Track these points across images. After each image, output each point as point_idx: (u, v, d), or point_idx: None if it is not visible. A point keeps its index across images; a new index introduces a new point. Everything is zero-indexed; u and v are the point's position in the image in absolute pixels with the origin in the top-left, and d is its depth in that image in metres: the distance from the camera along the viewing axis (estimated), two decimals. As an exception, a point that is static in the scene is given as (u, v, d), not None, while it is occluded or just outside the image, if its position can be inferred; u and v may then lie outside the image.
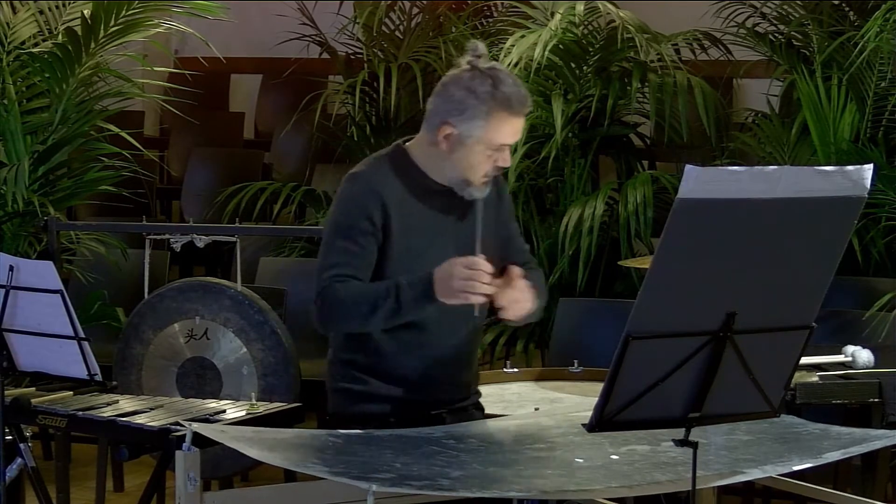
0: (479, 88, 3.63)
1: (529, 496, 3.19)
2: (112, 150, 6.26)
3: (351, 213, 3.69)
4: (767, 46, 6.54)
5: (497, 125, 3.64)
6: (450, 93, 3.67)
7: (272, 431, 3.62)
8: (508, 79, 3.67)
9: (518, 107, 3.66)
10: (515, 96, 3.65)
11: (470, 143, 3.65)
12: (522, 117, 3.70)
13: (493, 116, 3.63)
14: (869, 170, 2.96)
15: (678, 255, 2.88)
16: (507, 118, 3.65)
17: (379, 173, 3.74)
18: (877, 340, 5.09)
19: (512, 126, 3.67)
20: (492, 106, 3.62)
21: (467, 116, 3.63)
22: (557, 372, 4.69)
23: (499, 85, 3.64)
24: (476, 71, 3.66)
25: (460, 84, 3.66)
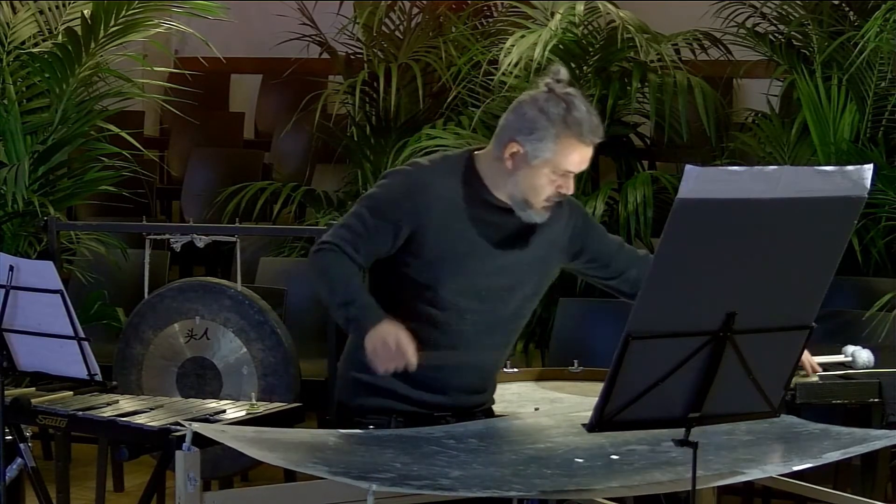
0: (551, 110, 3.61)
1: (529, 496, 3.20)
2: (112, 150, 6.27)
3: (389, 197, 3.69)
4: (767, 46, 6.54)
5: (565, 150, 3.61)
6: (523, 111, 3.64)
7: (272, 431, 3.62)
8: (583, 106, 3.63)
9: (589, 135, 3.62)
10: (588, 124, 3.61)
11: (536, 164, 3.62)
12: (592, 147, 3.66)
13: (561, 140, 3.60)
14: (869, 170, 2.96)
15: (678, 255, 2.88)
16: (576, 145, 3.61)
17: (438, 172, 3.72)
18: (877, 340, 5.09)
19: (580, 154, 3.64)
20: (562, 129, 3.60)
21: (536, 137, 3.61)
22: (557, 372, 4.69)
23: (572, 110, 3.60)
24: (552, 94, 3.63)
25: (535, 104, 3.63)
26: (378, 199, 3.71)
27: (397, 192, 3.69)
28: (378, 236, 3.67)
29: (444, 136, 6.59)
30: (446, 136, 6.57)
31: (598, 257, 3.91)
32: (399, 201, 3.67)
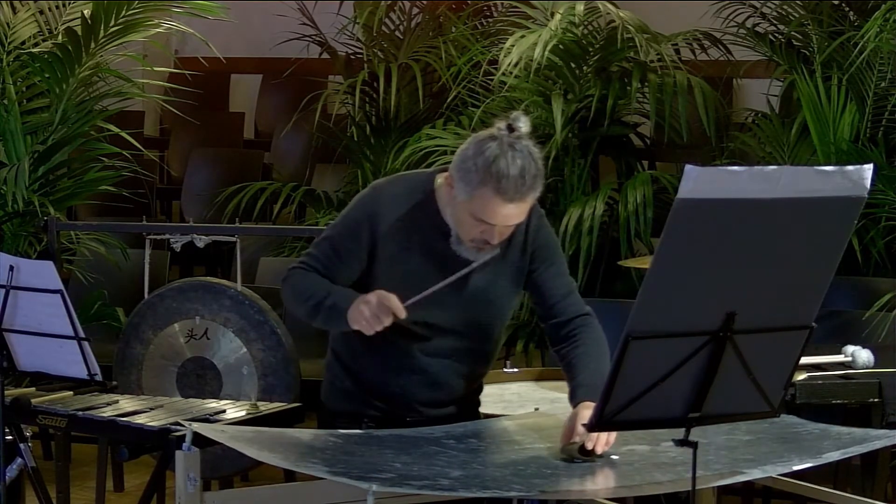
0: (483, 155, 3.44)
1: (529, 496, 3.19)
2: (112, 150, 6.27)
3: (349, 223, 3.68)
4: (767, 46, 6.54)
5: (483, 200, 3.45)
6: (467, 146, 3.51)
7: (272, 431, 3.62)
8: (519, 161, 3.43)
9: (511, 193, 3.42)
10: (513, 182, 3.41)
11: (459, 202, 3.52)
12: (520, 203, 3.45)
13: (481, 190, 3.44)
14: (869, 170, 2.96)
15: (678, 254, 2.88)
16: (493, 198, 3.43)
17: (394, 196, 3.66)
18: (877, 340, 5.09)
19: (500, 209, 3.45)
20: (482, 177, 3.42)
21: (460, 176, 3.48)
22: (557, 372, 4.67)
23: (499, 161, 3.41)
24: (496, 139, 3.46)
25: (477, 144, 3.48)
26: (338, 229, 3.70)
27: (353, 224, 3.66)
28: (343, 267, 3.66)
29: (444, 136, 6.59)
30: (446, 136, 6.58)
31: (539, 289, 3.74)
32: (354, 233, 3.65)
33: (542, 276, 3.72)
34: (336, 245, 3.67)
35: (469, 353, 3.74)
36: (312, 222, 7.17)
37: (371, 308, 3.50)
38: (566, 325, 3.72)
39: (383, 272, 3.63)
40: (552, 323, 3.74)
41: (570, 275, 3.80)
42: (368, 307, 3.50)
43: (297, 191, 7.19)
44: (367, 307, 3.50)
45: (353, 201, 3.75)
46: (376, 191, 3.72)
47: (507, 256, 3.66)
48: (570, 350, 3.70)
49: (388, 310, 3.49)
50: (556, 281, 3.74)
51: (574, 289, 3.79)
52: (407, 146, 6.71)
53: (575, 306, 3.75)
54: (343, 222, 3.71)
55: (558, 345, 3.73)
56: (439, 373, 3.72)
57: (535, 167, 3.45)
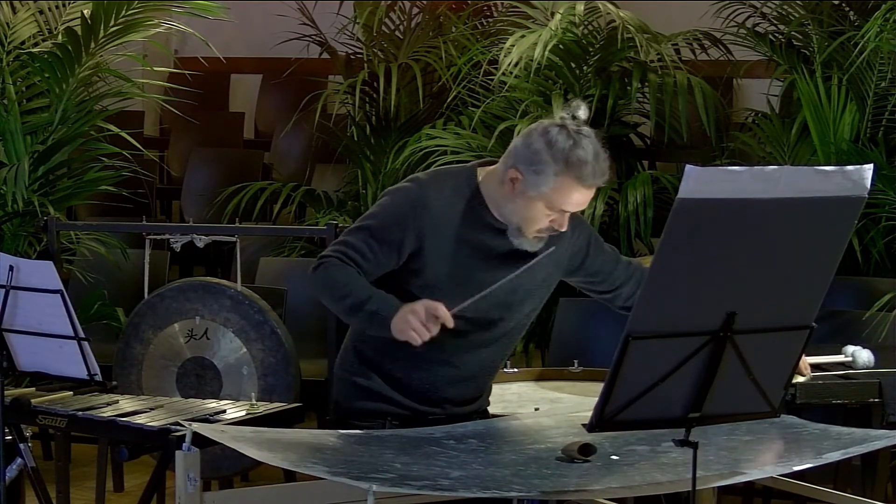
0: (556, 145, 3.52)
1: (529, 496, 3.19)
2: (112, 150, 6.27)
3: (390, 216, 3.65)
4: (767, 46, 6.54)
5: (562, 189, 3.54)
6: (530, 140, 3.56)
7: (272, 431, 3.62)
8: (591, 147, 3.55)
9: (590, 179, 3.54)
10: (591, 167, 3.53)
11: (531, 195, 3.56)
12: (593, 189, 3.59)
13: (560, 178, 3.53)
14: (869, 170, 2.96)
15: (678, 255, 2.88)
16: (575, 186, 3.54)
17: (439, 188, 3.66)
18: (877, 340, 5.08)
19: (579, 195, 3.56)
20: (562, 168, 3.52)
21: (536, 170, 3.53)
22: (557, 372, 4.69)
23: (576, 149, 3.52)
24: (563, 128, 3.55)
25: (544, 136, 3.54)
26: (379, 219, 3.67)
27: (398, 213, 3.64)
28: (381, 257, 3.64)
29: (444, 136, 6.59)
30: (446, 136, 6.57)
31: (596, 274, 3.88)
32: (400, 222, 3.63)
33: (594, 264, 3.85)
34: (377, 234, 3.63)
35: (499, 346, 3.78)
36: (312, 222, 7.17)
37: (419, 318, 3.50)
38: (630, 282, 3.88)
39: (430, 266, 3.63)
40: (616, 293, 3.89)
41: None
42: (416, 317, 3.50)
43: (297, 191, 7.19)
44: (414, 317, 3.50)
45: (393, 192, 3.72)
46: (420, 183, 3.70)
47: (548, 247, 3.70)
48: None
49: (437, 320, 3.50)
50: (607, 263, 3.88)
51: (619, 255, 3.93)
52: (407, 146, 6.71)
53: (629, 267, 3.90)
54: (385, 212, 3.66)
55: None
56: (470, 367, 3.74)
57: (604, 151, 3.59)
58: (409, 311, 3.52)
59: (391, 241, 3.63)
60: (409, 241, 3.62)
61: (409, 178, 3.78)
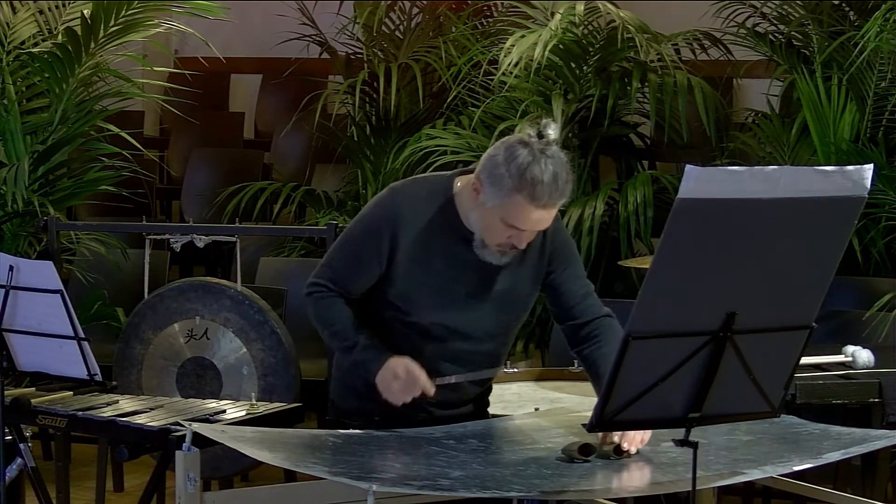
0: (515, 161, 3.47)
1: (529, 496, 3.19)
2: (112, 150, 6.27)
3: (368, 224, 3.68)
4: (767, 46, 6.54)
5: (514, 206, 3.48)
6: (496, 151, 3.53)
7: (272, 431, 3.62)
8: (551, 167, 3.46)
9: (544, 198, 3.45)
10: (546, 188, 3.44)
11: (488, 206, 3.52)
12: (549, 210, 3.50)
13: (513, 196, 3.47)
14: (869, 170, 2.96)
15: (678, 255, 2.88)
16: (527, 205, 3.46)
17: (414, 198, 3.66)
18: (877, 340, 5.08)
19: (532, 214, 3.48)
20: (516, 185, 3.45)
21: (491, 182, 3.50)
22: (557, 372, 4.69)
23: (533, 168, 3.44)
24: (528, 146, 3.49)
25: (506, 150, 3.50)
26: (359, 229, 3.71)
27: (374, 221, 3.66)
28: (363, 267, 3.67)
29: (444, 136, 6.59)
30: (446, 136, 6.57)
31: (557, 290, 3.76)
32: (376, 231, 3.64)
33: (559, 278, 3.74)
34: (356, 249, 3.68)
35: (486, 357, 3.75)
36: (312, 222, 7.17)
37: (400, 384, 3.59)
38: (586, 326, 3.74)
39: (402, 275, 3.64)
40: (571, 324, 3.76)
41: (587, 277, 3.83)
42: (398, 383, 3.59)
43: (297, 191, 7.19)
44: (396, 383, 3.59)
45: (371, 204, 3.75)
46: (395, 193, 3.70)
47: (525, 259, 3.67)
48: (594, 350, 3.71)
49: (418, 387, 3.58)
50: (574, 283, 3.76)
51: (592, 290, 3.80)
52: (407, 146, 6.71)
53: (594, 307, 3.76)
54: (361, 225, 3.70)
55: (579, 345, 3.75)
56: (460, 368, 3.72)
57: (566, 173, 3.49)
58: (392, 375, 3.60)
59: (370, 251, 3.65)
60: (384, 248, 3.63)
61: (389, 186, 3.79)
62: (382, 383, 3.61)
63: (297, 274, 6.14)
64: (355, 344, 3.66)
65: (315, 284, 3.72)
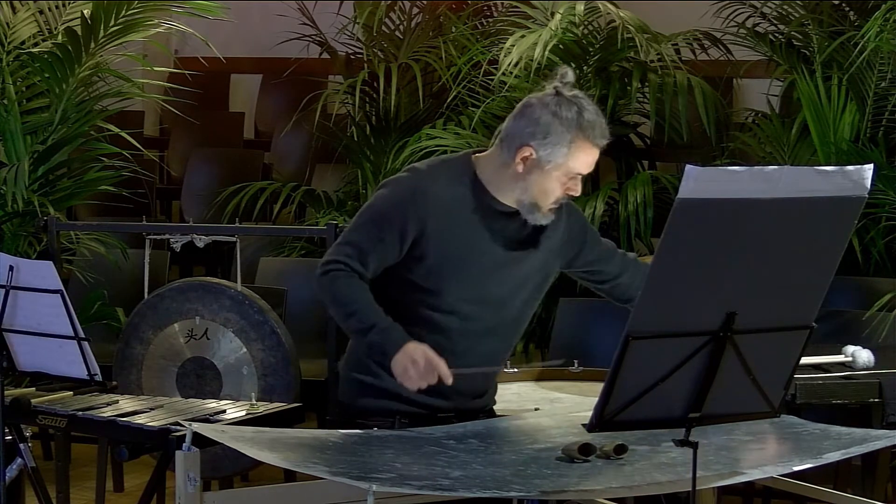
0: (564, 114, 3.60)
1: (529, 496, 3.19)
2: (112, 150, 6.27)
3: (391, 204, 3.69)
4: (767, 46, 6.54)
5: (578, 154, 3.62)
6: (535, 116, 3.63)
7: (272, 431, 3.62)
8: (592, 108, 3.65)
9: (600, 138, 3.64)
10: (599, 126, 3.63)
11: (548, 168, 3.62)
12: (600, 149, 3.67)
13: (575, 144, 3.61)
14: (869, 170, 2.96)
15: (678, 255, 2.88)
16: (588, 148, 3.63)
17: (437, 176, 3.71)
18: (877, 340, 5.08)
19: (591, 156, 3.66)
20: (576, 134, 3.60)
21: (550, 142, 3.60)
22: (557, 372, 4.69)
23: (584, 113, 3.61)
24: (562, 97, 3.63)
25: (546, 109, 3.62)
26: (379, 208, 3.71)
27: (398, 200, 3.68)
28: (384, 247, 3.67)
29: (444, 136, 6.59)
30: (446, 136, 6.57)
31: (594, 262, 3.93)
32: (401, 208, 3.66)
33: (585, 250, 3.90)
34: (379, 225, 3.67)
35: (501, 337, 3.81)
36: (312, 222, 7.17)
37: (418, 370, 3.59)
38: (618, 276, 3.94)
39: (432, 251, 3.66)
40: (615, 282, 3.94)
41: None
42: (416, 368, 3.59)
43: (297, 191, 7.19)
44: (414, 368, 3.59)
45: (391, 183, 3.76)
46: (417, 172, 3.75)
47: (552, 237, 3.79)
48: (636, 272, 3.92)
49: (435, 374, 3.59)
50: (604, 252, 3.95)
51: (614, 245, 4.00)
52: (407, 146, 6.70)
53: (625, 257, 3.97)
54: (386, 202, 3.70)
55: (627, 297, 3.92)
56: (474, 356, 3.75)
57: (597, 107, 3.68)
58: (410, 360, 3.59)
59: (393, 230, 3.66)
60: (411, 227, 3.65)
61: (406, 168, 3.84)
62: (399, 367, 3.60)
63: (297, 274, 6.14)
64: (373, 325, 3.63)
65: (333, 262, 3.68)
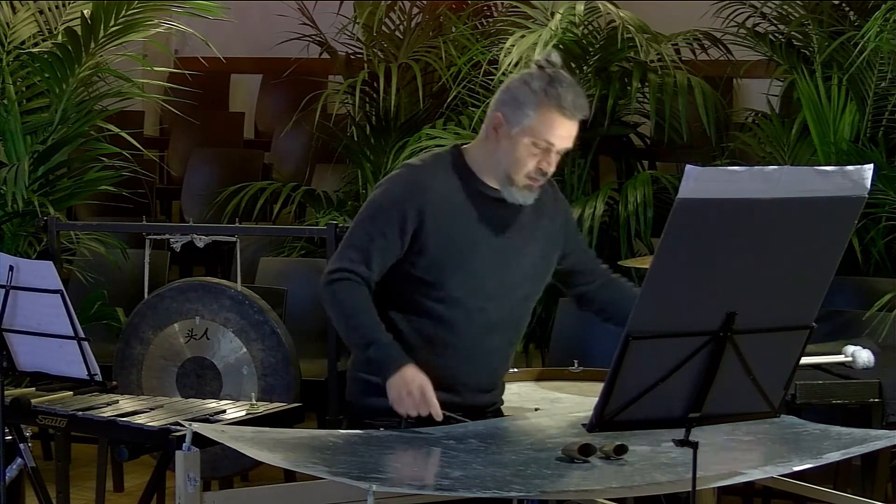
0: (534, 83, 3.66)
1: (529, 496, 3.19)
2: (112, 150, 6.27)
3: (389, 199, 3.72)
4: (767, 46, 6.54)
5: (544, 118, 3.64)
6: (508, 88, 3.72)
7: (272, 431, 3.62)
8: (567, 80, 3.68)
9: (570, 109, 3.65)
10: (570, 97, 3.65)
11: (515, 132, 3.66)
12: (574, 122, 3.68)
13: (541, 110, 3.64)
14: (869, 170, 2.96)
15: (678, 255, 2.88)
16: (556, 116, 3.64)
17: (431, 169, 3.75)
18: (877, 340, 5.08)
19: (561, 127, 3.66)
20: (542, 99, 3.64)
21: (517, 105, 3.66)
22: (557, 372, 4.69)
23: (555, 84, 3.65)
24: (539, 70, 3.70)
25: (520, 80, 3.71)
26: (377, 205, 3.73)
27: (396, 195, 3.71)
28: (386, 243, 3.69)
29: (444, 136, 6.58)
30: (446, 136, 6.57)
31: (580, 261, 3.97)
32: (399, 202, 3.69)
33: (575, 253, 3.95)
34: (380, 223, 3.70)
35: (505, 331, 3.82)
36: (312, 222, 7.17)
37: (413, 401, 3.61)
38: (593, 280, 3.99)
39: (433, 243, 3.69)
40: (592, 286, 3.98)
41: None
42: (411, 398, 3.61)
43: (297, 191, 7.19)
44: (409, 397, 3.61)
45: (387, 180, 3.80)
46: (411, 166, 3.79)
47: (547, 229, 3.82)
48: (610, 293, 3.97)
49: (427, 407, 3.62)
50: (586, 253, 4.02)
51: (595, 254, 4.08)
52: (407, 146, 6.70)
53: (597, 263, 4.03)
54: (383, 198, 3.74)
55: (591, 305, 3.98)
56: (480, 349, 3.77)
57: (581, 89, 3.71)
58: (405, 388, 3.62)
59: (393, 224, 3.68)
60: (410, 220, 3.68)
61: (400, 165, 3.87)
62: (394, 392, 3.62)
63: (297, 274, 6.14)
64: (373, 341, 3.65)
65: (338, 270, 3.69)
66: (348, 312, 3.69)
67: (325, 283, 3.71)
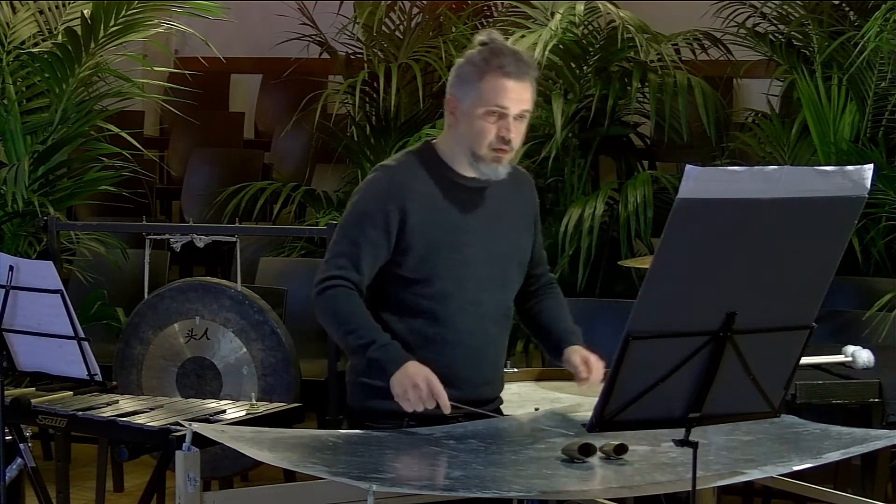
0: (475, 57, 3.72)
1: (529, 496, 3.19)
2: (112, 150, 6.27)
3: (369, 202, 3.74)
4: (767, 46, 6.55)
5: (490, 86, 3.67)
6: (455, 70, 3.77)
7: (272, 431, 3.62)
8: (507, 49, 3.72)
9: (512, 68, 3.68)
10: (510, 59, 3.68)
11: (468, 108, 3.69)
12: (523, 83, 3.70)
13: (486, 78, 3.68)
14: (869, 170, 2.96)
15: (678, 255, 2.88)
16: (501, 80, 3.67)
17: (406, 167, 3.78)
18: (877, 340, 5.09)
19: (510, 90, 3.68)
20: (484, 68, 3.68)
21: (464, 82, 3.71)
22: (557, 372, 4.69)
23: (495, 53, 3.69)
24: (481, 46, 3.74)
25: (464, 59, 3.76)
26: (360, 211, 3.74)
27: (375, 195, 3.73)
28: (373, 244, 3.70)
29: (444, 136, 6.58)
30: (446, 136, 6.57)
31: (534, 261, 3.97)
32: (380, 202, 3.71)
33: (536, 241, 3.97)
34: (364, 225, 3.71)
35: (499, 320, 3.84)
36: (312, 222, 7.17)
37: (419, 394, 3.58)
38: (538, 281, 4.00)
39: (417, 239, 3.70)
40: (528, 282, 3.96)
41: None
42: (416, 392, 3.58)
43: (297, 191, 7.19)
44: (414, 392, 3.58)
45: (364, 186, 3.81)
46: (386, 168, 3.81)
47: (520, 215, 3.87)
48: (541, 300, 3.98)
49: (434, 401, 3.60)
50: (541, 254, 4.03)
51: None
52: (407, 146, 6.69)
53: (547, 267, 4.07)
54: (364, 201, 3.75)
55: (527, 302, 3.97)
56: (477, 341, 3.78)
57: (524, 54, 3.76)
58: (411, 383, 3.59)
59: (377, 224, 3.70)
60: (393, 219, 3.69)
61: (375, 167, 3.88)
62: (399, 388, 3.60)
63: (297, 274, 6.14)
64: (372, 342, 3.64)
65: (328, 279, 3.69)
66: (343, 318, 3.69)
67: (317, 293, 3.70)
